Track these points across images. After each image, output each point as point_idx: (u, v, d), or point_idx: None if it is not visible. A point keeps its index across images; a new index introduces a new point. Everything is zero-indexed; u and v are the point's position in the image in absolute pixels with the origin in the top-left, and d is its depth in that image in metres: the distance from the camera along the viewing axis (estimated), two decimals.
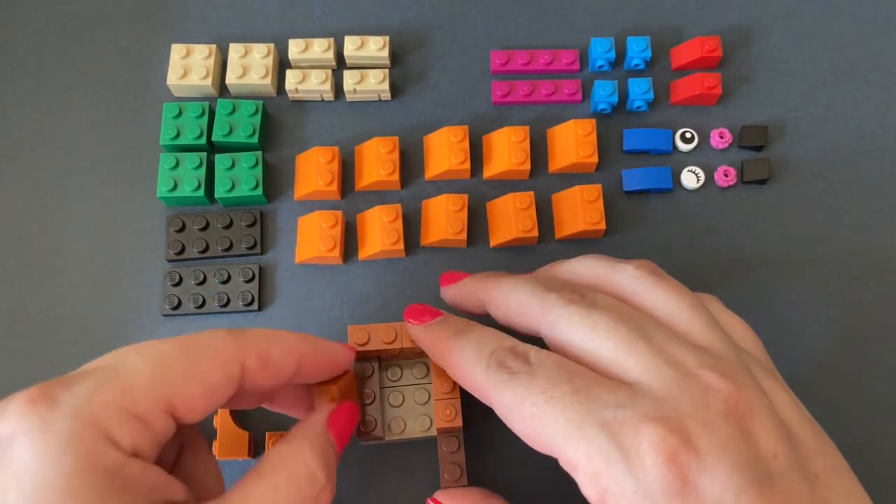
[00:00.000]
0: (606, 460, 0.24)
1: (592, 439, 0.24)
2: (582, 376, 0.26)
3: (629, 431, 0.24)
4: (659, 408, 0.24)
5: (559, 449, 0.25)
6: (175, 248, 0.40)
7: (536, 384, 0.26)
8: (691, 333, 0.27)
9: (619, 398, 0.25)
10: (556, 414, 0.25)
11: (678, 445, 0.23)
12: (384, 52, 0.42)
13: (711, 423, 0.24)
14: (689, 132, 0.42)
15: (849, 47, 0.44)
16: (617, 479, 0.23)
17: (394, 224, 0.39)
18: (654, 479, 0.23)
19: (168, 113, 0.41)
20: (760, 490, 0.23)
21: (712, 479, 0.23)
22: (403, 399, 0.36)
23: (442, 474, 0.34)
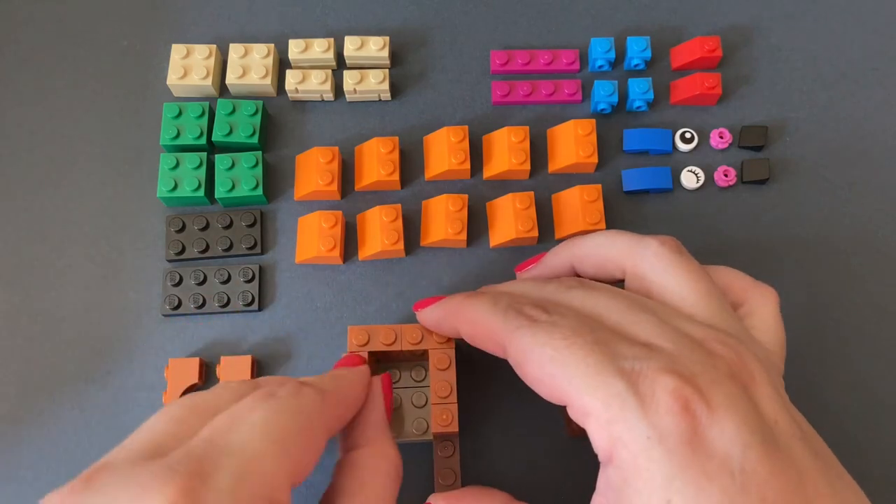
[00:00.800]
0: (622, 406, 0.24)
1: (611, 386, 0.24)
2: (603, 330, 0.27)
3: (646, 381, 0.24)
4: (674, 363, 0.25)
5: (574, 394, 0.25)
6: (175, 248, 0.40)
7: (558, 331, 0.26)
8: (696, 315, 0.28)
9: (637, 352, 0.25)
10: (576, 358, 0.25)
11: (692, 395, 0.24)
12: (384, 52, 0.42)
13: (720, 382, 0.25)
14: (689, 132, 0.42)
15: (849, 47, 0.44)
16: (631, 426, 0.24)
17: (394, 224, 0.39)
18: (668, 425, 0.23)
19: (168, 113, 0.41)
20: (766, 448, 0.23)
21: (721, 432, 0.23)
22: (401, 401, 0.36)
23: (436, 479, 0.34)
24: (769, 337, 0.30)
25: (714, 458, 0.23)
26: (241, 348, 0.39)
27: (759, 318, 0.30)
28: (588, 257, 0.32)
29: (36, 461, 0.37)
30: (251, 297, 0.39)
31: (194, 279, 0.39)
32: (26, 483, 0.37)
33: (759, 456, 0.23)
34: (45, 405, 0.38)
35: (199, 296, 0.39)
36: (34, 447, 0.37)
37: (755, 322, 0.30)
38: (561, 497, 0.36)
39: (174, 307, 0.39)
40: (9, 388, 0.38)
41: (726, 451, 0.23)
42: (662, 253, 0.30)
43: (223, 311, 0.39)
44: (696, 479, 0.23)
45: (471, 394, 0.37)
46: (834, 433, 0.28)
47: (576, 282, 0.30)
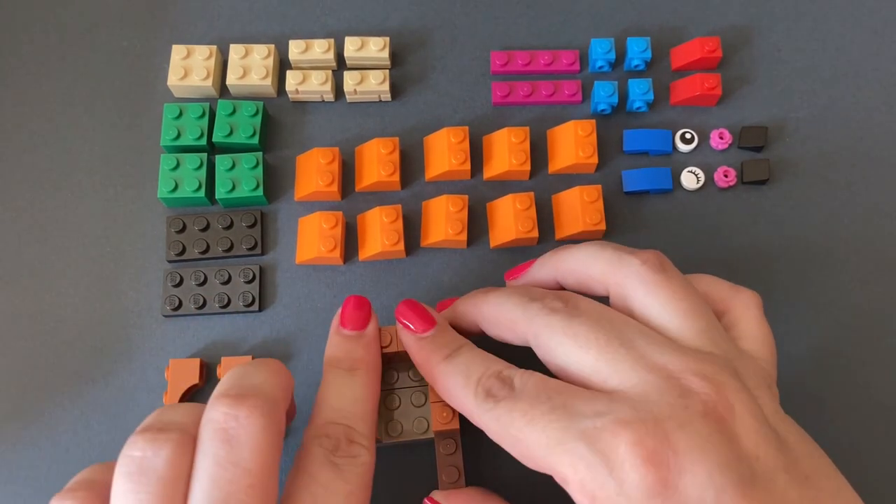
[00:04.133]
0: (589, 468, 0.24)
1: (574, 451, 0.25)
2: (561, 392, 0.26)
3: (607, 437, 0.24)
4: (636, 412, 0.24)
5: (548, 466, 0.26)
6: (175, 249, 0.40)
7: (518, 408, 0.27)
8: (681, 338, 0.27)
9: (596, 407, 0.25)
10: (537, 434, 0.26)
11: (655, 446, 0.24)
12: (384, 53, 0.42)
13: (689, 423, 0.24)
14: (689, 133, 0.42)
15: (849, 47, 0.44)
16: (601, 484, 0.24)
17: (394, 225, 0.39)
18: (635, 481, 0.23)
19: (168, 114, 0.41)
20: (743, 489, 0.23)
21: (692, 479, 0.23)
22: (400, 402, 0.36)
23: (440, 476, 0.34)
24: (757, 345, 0.29)
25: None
26: (242, 349, 0.39)
27: (744, 327, 0.30)
28: (571, 273, 0.32)
29: (36, 461, 0.37)
30: (251, 298, 0.39)
31: (195, 280, 0.39)
32: (26, 483, 0.37)
33: (734, 499, 0.23)
34: (45, 405, 0.38)
35: (199, 296, 0.39)
36: (34, 447, 0.38)
37: (740, 331, 0.30)
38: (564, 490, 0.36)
39: (175, 308, 0.39)
40: (9, 388, 0.39)
41: (699, 498, 0.23)
42: (644, 273, 0.29)
43: (223, 311, 0.39)
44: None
45: None
46: (834, 436, 0.28)
47: (560, 304, 0.29)
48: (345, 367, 0.32)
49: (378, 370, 0.33)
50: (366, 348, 0.33)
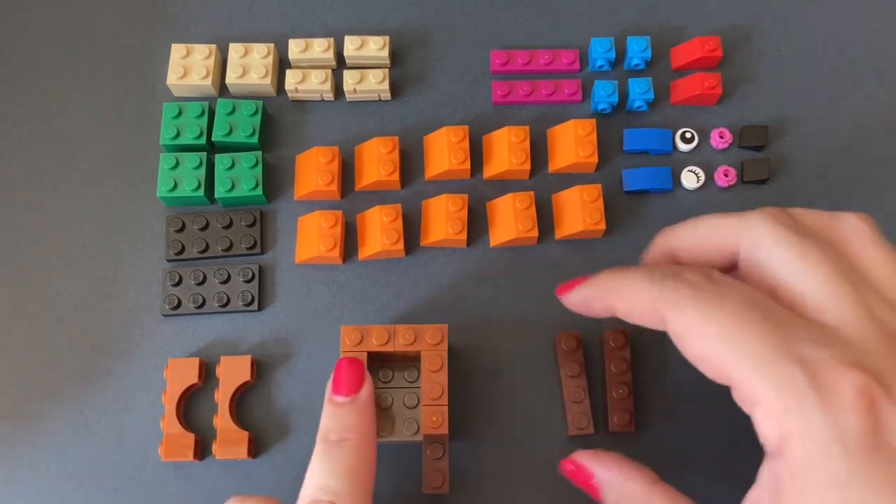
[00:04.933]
0: (799, 398, 0.22)
1: (787, 374, 0.22)
2: (774, 308, 0.24)
3: (828, 373, 0.22)
4: (861, 355, 0.23)
5: (743, 377, 0.23)
6: (175, 248, 0.40)
7: (726, 305, 0.24)
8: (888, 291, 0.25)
9: (815, 336, 0.23)
10: (747, 337, 0.23)
11: (880, 394, 0.22)
12: (384, 52, 0.42)
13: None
14: (689, 132, 0.42)
15: (849, 47, 0.44)
16: (808, 420, 0.22)
17: (394, 224, 0.39)
18: (850, 424, 0.22)
19: (168, 113, 0.41)
20: None
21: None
22: (392, 401, 0.36)
23: (424, 480, 0.34)
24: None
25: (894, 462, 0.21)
26: (241, 348, 0.39)
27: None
28: (693, 247, 0.29)
29: (36, 461, 0.37)
30: (251, 297, 0.39)
31: (194, 279, 0.39)
32: (26, 483, 0.37)
33: None
34: (45, 405, 0.38)
35: (198, 296, 0.39)
36: (34, 447, 0.37)
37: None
38: (552, 502, 0.36)
39: (174, 307, 0.39)
40: (9, 388, 0.38)
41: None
42: (861, 227, 0.27)
43: (223, 310, 0.39)
44: (876, 485, 0.21)
45: (462, 396, 0.37)
46: None
47: (803, 220, 0.27)
48: (334, 439, 0.30)
49: (373, 435, 0.31)
50: (359, 414, 0.31)
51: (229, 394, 0.37)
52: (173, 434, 0.36)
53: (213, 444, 0.36)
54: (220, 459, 0.37)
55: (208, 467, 0.37)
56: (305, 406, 0.37)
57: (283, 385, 0.38)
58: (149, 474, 0.37)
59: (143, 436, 0.37)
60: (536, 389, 0.38)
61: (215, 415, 0.37)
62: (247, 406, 0.38)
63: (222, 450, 0.36)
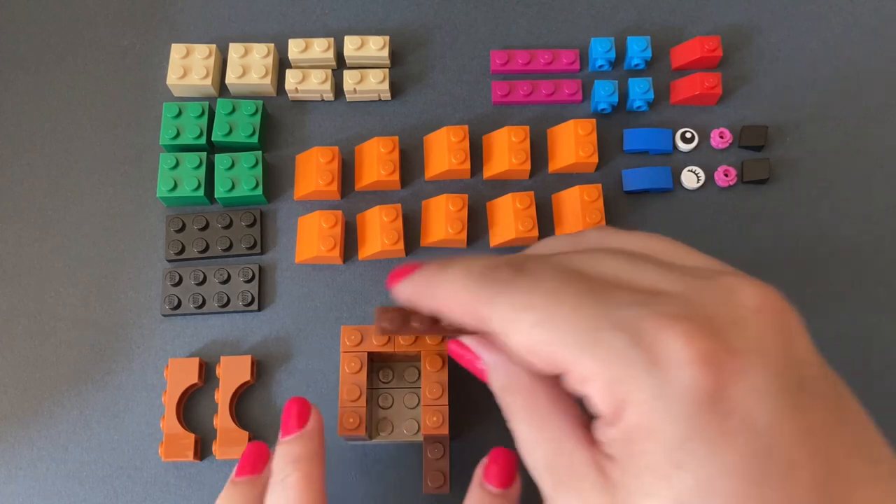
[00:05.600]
0: (626, 363, 0.20)
1: (609, 342, 0.21)
2: (592, 279, 0.23)
3: (652, 330, 0.20)
4: (685, 305, 0.21)
5: (568, 359, 0.21)
6: (175, 248, 0.40)
7: (540, 287, 0.22)
8: (690, 259, 0.24)
9: (636, 297, 0.21)
10: (564, 318, 0.22)
11: (709, 341, 0.20)
12: (384, 52, 0.42)
13: (744, 321, 0.21)
14: (690, 132, 0.42)
15: (849, 47, 0.44)
16: (639, 385, 0.20)
17: (394, 224, 0.39)
18: (684, 382, 0.20)
19: (168, 113, 0.41)
20: (798, 397, 0.20)
21: (747, 385, 0.20)
22: (393, 401, 0.36)
23: (424, 480, 0.34)
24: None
25: (734, 415, 0.20)
26: (241, 348, 0.39)
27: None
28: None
29: (36, 461, 0.37)
30: (251, 297, 0.39)
31: (194, 279, 0.39)
32: (26, 483, 0.37)
33: (791, 409, 0.20)
34: (45, 405, 0.38)
35: (198, 296, 0.39)
36: (34, 447, 0.37)
37: None
38: None
39: (174, 307, 0.39)
40: (9, 388, 0.38)
41: (750, 406, 0.20)
42: (607, 230, 0.27)
43: (223, 310, 0.39)
44: (713, 439, 0.19)
45: (463, 396, 0.37)
46: None
47: (571, 242, 0.26)
48: (279, 479, 0.30)
49: (321, 456, 0.30)
50: (305, 444, 0.30)
51: (229, 394, 0.37)
52: (173, 434, 0.36)
53: (214, 444, 0.36)
54: (221, 459, 0.37)
55: (208, 467, 0.37)
56: None
57: (283, 385, 0.38)
58: (149, 474, 0.37)
59: (143, 436, 0.37)
60: None
61: (215, 415, 0.37)
62: (247, 406, 0.38)
63: (222, 450, 0.36)
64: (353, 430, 0.34)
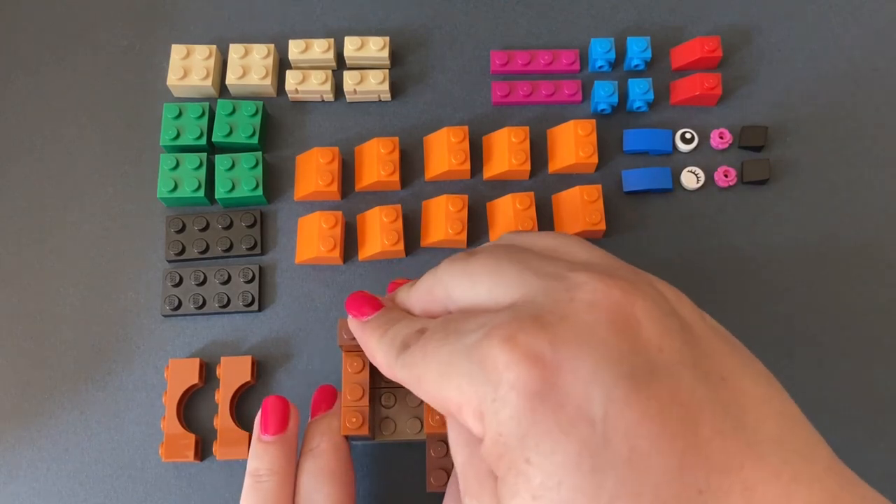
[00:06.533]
0: (471, 382, 0.22)
1: (459, 370, 0.23)
2: (456, 319, 0.25)
3: (484, 345, 0.22)
4: (512, 314, 0.23)
5: (444, 398, 0.24)
6: (175, 249, 0.40)
7: (420, 349, 0.25)
8: (573, 255, 0.26)
9: (480, 321, 0.24)
10: (431, 365, 0.24)
11: (528, 340, 0.22)
12: (384, 53, 0.42)
13: (573, 314, 0.22)
14: (689, 132, 0.42)
15: (849, 47, 0.44)
16: (485, 397, 0.22)
17: (394, 224, 0.39)
18: (509, 380, 0.21)
19: (168, 113, 0.41)
20: (637, 386, 0.20)
21: (574, 374, 0.21)
22: (395, 400, 0.36)
23: (428, 479, 0.34)
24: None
25: (567, 406, 0.20)
26: (242, 349, 0.39)
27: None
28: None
29: (36, 461, 0.37)
30: (251, 298, 0.39)
31: (194, 280, 0.39)
32: (26, 483, 0.37)
33: (627, 396, 0.20)
34: (45, 405, 0.38)
35: (199, 296, 0.39)
36: (34, 447, 0.37)
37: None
38: None
39: (174, 307, 0.39)
40: (9, 388, 0.38)
41: (583, 396, 0.20)
42: (506, 235, 0.29)
43: (223, 311, 0.39)
44: (550, 432, 0.20)
45: None
46: (834, 433, 0.28)
47: (462, 253, 0.28)
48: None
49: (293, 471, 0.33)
50: (281, 450, 0.33)
51: (230, 394, 0.37)
52: (173, 434, 0.36)
53: (214, 445, 0.36)
54: (221, 460, 0.37)
55: (208, 467, 0.37)
56: (305, 407, 0.37)
57: (283, 385, 0.38)
58: (149, 474, 0.37)
59: (143, 436, 0.37)
60: None
61: (216, 415, 0.37)
62: (247, 406, 0.38)
63: (223, 450, 0.36)
64: (356, 430, 0.34)
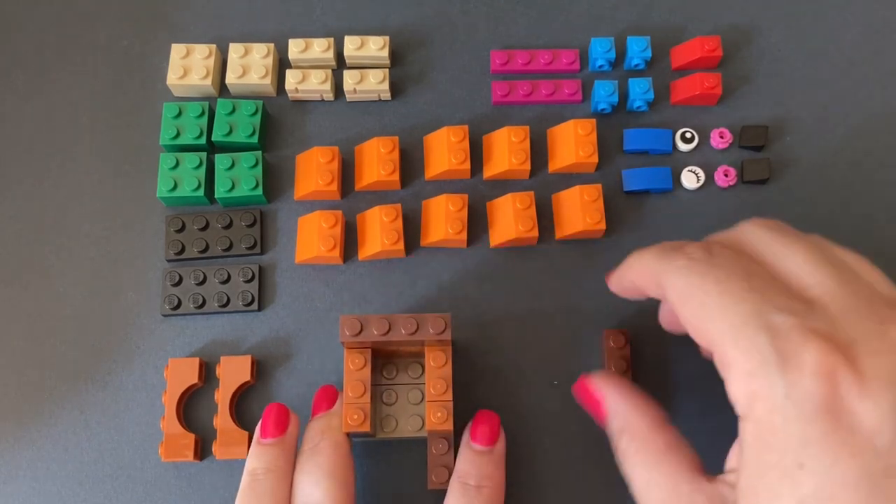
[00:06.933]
0: (763, 363, 0.23)
1: (754, 339, 0.23)
2: (761, 277, 0.25)
3: (794, 339, 0.23)
4: (831, 326, 0.23)
5: (718, 343, 0.25)
6: (175, 248, 0.40)
7: (712, 274, 0.26)
8: (876, 283, 0.26)
9: (793, 306, 0.24)
10: (724, 308, 0.25)
11: (841, 363, 0.22)
12: (384, 52, 0.42)
13: (886, 353, 0.23)
14: (690, 132, 0.42)
15: (849, 47, 0.44)
16: (770, 382, 0.23)
17: (394, 224, 0.39)
18: (809, 388, 0.22)
19: (168, 113, 0.41)
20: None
21: (873, 408, 0.22)
22: (397, 398, 0.36)
23: (429, 476, 0.34)
24: None
25: (859, 433, 0.22)
26: (241, 348, 0.39)
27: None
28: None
29: (36, 461, 0.37)
30: (251, 297, 0.39)
31: (194, 279, 0.39)
32: (26, 483, 0.37)
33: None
34: (45, 405, 0.38)
35: (198, 296, 0.39)
36: (34, 447, 0.37)
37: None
38: (553, 499, 0.36)
39: (174, 307, 0.39)
40: (9, 388, 0.38)
41: (875, 428, 0.22)
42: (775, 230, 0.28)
43: (223, 310, 0.39)
44: (834, 449, 0.22)
45: (467, 392, 0.37)
46: None
47: (774, 223, 0.29)
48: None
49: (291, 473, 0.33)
50: (279, 450, 0.33)
51: (229, 394, 0.37)
52: (173, 434, 0.36)
53: (214, 444, 0.36)
54: (220, 459, 0.37)
55: (208, 467, 0.37)
56: (305, 406, 0.37)
57: (282, 385, 0.38)
58: (149, 474, 0.37)
59: (143, 436, 0.37)
60: (538, 386, 0.38)
61: (215, 415, 0.37)
62: (247, 406, 0.38)
63: (222, 450, 0.36)
64: (357, 427, 0.34)
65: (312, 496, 0.32)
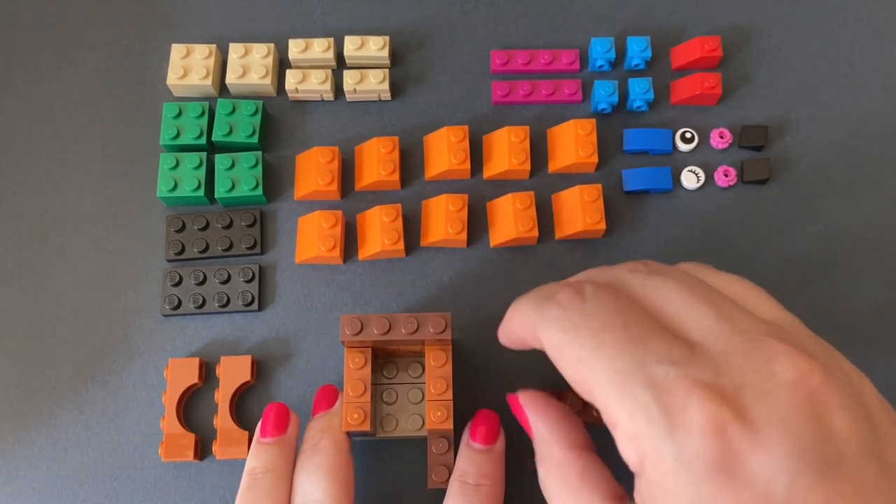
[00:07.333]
0: (649, 422, 0.22)
1: (637, 396, 0.22)
2: (639, 323, 0.24)
3: (678, 394, 0.22)
4: (716, 374, 0.22)
5: (602, 402, 0.23)
6: (175, 248, 0.40)
7: (587, 325, 0.24)
8: (757, 308, 0.25)
9: (674, 354, 0.23)
10: (602, 363, 0.23)
11: (730, 417, 0.21)
12: (384, 52, 0.42)
13: (773, 394, 0.22)
14: (689, 132, 0.42)
15: (849, 47, 0.44)
16: (657, 444, 0.22)
17: (394, 224, 0.39)
18: (699, 448, 0.21)
19: (168, 113, 0.41)
20: (822, 476, 0.20)
21: (766, 457, 0.21)
22: (397, 397, 0.36)
23: (429, 475, 0.34)
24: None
25: (753, 487, 0.21)
26: (241, 348, 0.39)
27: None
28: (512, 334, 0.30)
29: (36, 461, 0.37)
30: (251, 297, 0.39)
31: (194, 279, 0.39)
32: (26, 483, 0.37)
33: (812, 485, 0.20)
34: (45, 405, 0.38)
35: (198, 296, 0.39)
36: (34, 447, 0.37)
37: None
38: None
39: (174, 307, 0.39)
40: (9, 388, 0.38)
41: (769, 479, 0.20)
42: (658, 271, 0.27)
43: (223, 311, 0.39)
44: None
45: (467, 392, 0.37)
46: None
47: (642, 265, 0.27)
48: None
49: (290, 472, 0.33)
50: (279, 449, 0.34)
51: (229, 394, 0.37)
52: (173, 434, 0.36)
53: (214, 444, 0.36)
54: (220, 459, 0.37)
55: (208, 467, 0.37)
56: (305, 406, 0.37)
57: (282, 385, 0.38)
58: (149, 474, 0.37)
59: (143, 436, 0.37)
60: (537, 386, 0.38)
61: (215, 415, 0.37)
62: (247, 406, 0.38)
63: (222, 450, 0.36)
64: (358, 426, 0.34)
65: (312, 496, 0.32)
